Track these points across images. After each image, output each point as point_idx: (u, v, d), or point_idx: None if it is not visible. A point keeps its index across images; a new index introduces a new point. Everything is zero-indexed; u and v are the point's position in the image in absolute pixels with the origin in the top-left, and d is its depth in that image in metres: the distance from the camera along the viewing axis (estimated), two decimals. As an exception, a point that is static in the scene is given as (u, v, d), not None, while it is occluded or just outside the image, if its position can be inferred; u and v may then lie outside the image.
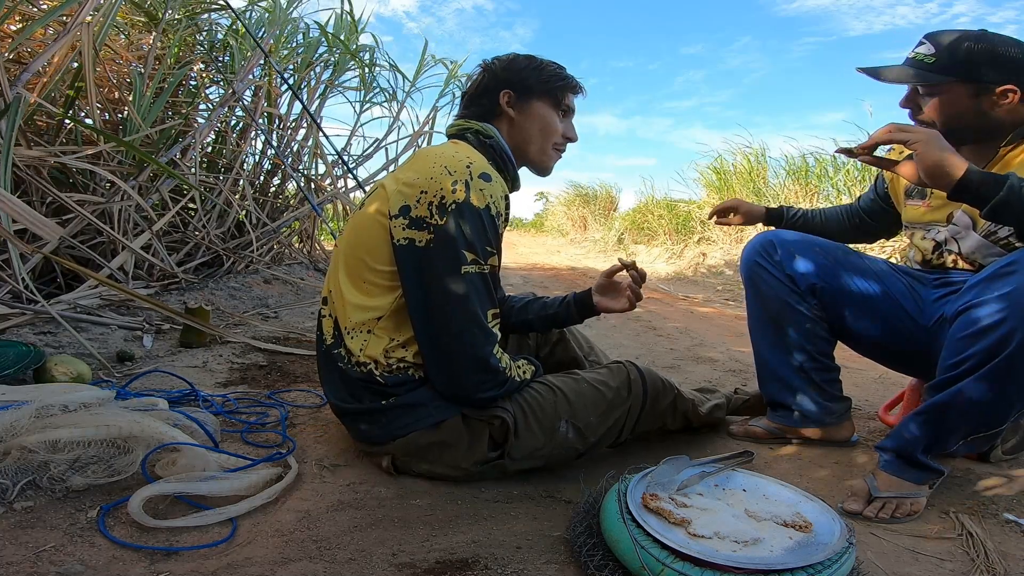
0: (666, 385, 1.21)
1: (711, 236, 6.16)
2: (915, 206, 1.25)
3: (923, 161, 0.93)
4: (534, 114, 1.14)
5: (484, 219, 0.99)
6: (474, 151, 1.07)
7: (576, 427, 1.08)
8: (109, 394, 1.10)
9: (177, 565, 0.76)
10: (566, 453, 1.10)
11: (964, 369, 0.95)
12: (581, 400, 1.10)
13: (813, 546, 0.79)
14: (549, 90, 1.14)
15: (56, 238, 1.14)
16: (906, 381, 1.46)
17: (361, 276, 1.04)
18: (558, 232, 12.23)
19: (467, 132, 1.12)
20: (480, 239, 0.99)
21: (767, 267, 1.28)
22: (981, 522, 0.98)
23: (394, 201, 1.00)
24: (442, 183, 0.98)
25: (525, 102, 1.14)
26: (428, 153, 1.05)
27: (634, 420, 1.16)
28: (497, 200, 1.00)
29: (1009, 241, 1.09)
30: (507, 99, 1.13)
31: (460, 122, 1.15)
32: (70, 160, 2.02)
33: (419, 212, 0.98)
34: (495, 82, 1.14)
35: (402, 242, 0.99)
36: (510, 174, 1.14)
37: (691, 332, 2.76)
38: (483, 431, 1.03)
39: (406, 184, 1.00)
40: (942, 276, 1.21)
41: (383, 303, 1.02)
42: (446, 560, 0.81)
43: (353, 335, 1.03)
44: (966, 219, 1.15)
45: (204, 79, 2.95)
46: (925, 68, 1.08)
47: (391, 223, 1.00)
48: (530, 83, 1.13)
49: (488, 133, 1.12)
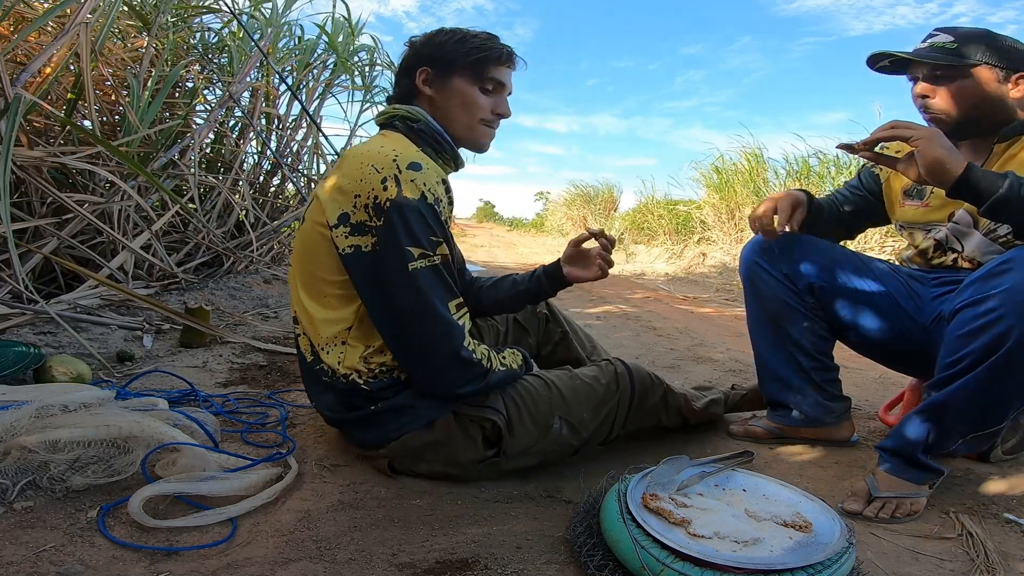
0: (654, 380, 1.20)
1: (711, 236, 6.16)
2: (913, 206, 1.25)
3: (924, 157, 0.94)
4: (453, 91, 1.07)
5: (422, 210, 0.95)
6: (402, 140, 1.03)
7: (569, 423, 1.08)
8: (109, 394, 1.10)
9: (177, 565, 0.76)
10: (561, 449, 1.09)
11: (962, 367, 0.95)
12: (575, 396, 1.09)
13: (813, 546, 0.79)
14: (470, 63, 1.06)
15: None
16: (906, 381, 1.46)
17: (319, 291, 1.01)
18: (558, 232, 12.23)
19: (395, 119, 1.08)
20: (423, 231, 0.95)
21: (765, 267, 1.28)
22: (981, 522, 0.98)
23: (330, 210, 0.97)
24: (372, 183, 0.94)
25: (444, 79, 1.07)
26: (355, 153, 1.01)
27: (624, 415, 1.15)
28: (432, 187, 0.96)
29: (1008, 239, 1.09)
30: (424, 77, 1.07)
31: (388, 109, 1.10)
32: (70, 160, 2.02)
33: (358, 217, 0.95)
34: (415, 59, 1.08)
35: (348, 251, 0.96)
36: (448, 154, 1.09)
37: (691, 332, 2.76)
38: (476, 431, 1.03)
39: (338, 190, 0.97)
40: (941, 275, 1.21)
41: (347, 313, 1.00)
42: (446, 560, 0.81)
43: (328, 350, 1.01)
44: (968, 218, 1.15)
45: (201, 81, 2.95)
46: (951, 52, 1.08)
47: (332, 233, 0.97)
48: (450, 58, 1.06)
49: (415, 116, 1.06)
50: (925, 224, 1.23)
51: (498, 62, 1.09)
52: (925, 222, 1.23)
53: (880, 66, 1.17)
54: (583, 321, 3.00)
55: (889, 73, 1.18)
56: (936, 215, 1.21)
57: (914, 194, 1.25)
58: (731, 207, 5.97)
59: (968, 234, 1.15)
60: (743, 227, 5.75)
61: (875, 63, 1.17)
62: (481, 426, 1.03)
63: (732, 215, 5.96)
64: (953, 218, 1.18)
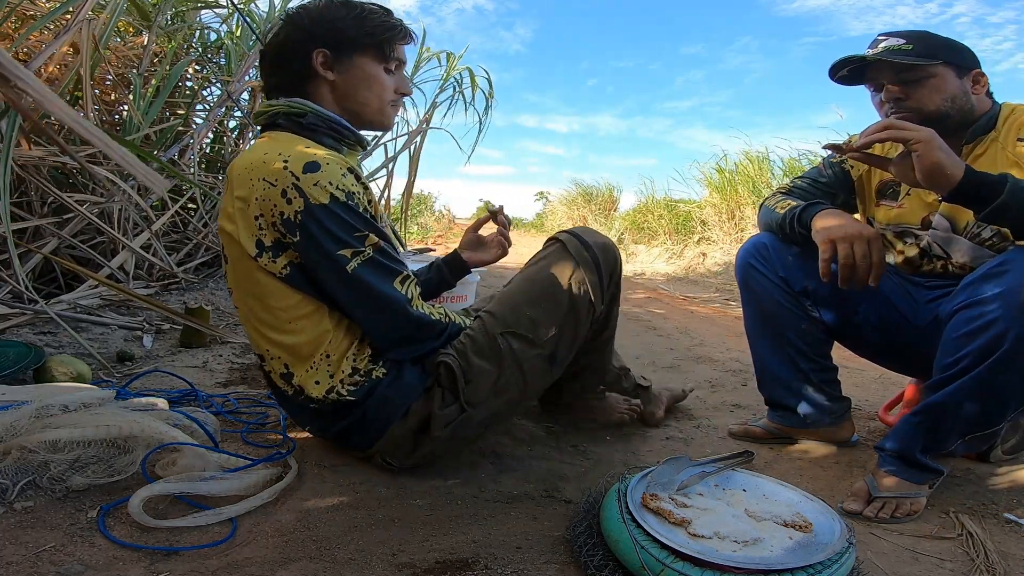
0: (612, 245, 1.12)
1: (711, 236, 6.16)
2: (888, 207, 1.23)
3: (923, 161, 0.91)
4: (359, 73, 0.98)
5: (337, 211, 0.88)
6: (289, 139, 0.93)
7: (516, 335, 1.00)
8: (109, 394, 1.10)
9: (177, 565, 0.76)
10: (530, 368, 1.01)
11: (959, 368, 0.95)
12: (507, 304, 1.02)
13: (813, 546, 0.79)
14: (375, 43, 0.98)
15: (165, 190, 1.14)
16: (906, 381, 1.46)
17: (283, 321, 0.94)
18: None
19: (277, 119, 0.97)
20: (347, 232, 0.89)
21: (761, 269, 1.27)
22: (981, 522, 0.98)
23: (245, 241, 0.91)
24: (271, 199, 0.87)
25: (346, 59, 0.97)
26: (241, 167, 0.91)
27: (597, 285, 1.06)
28: (338, 182, 0.88)
29: (994, 242, 1.09)
30: (322, 59, 0.96)
31: (265, 106, 0.99)
32: (70, 159, 2.02)
33: (271, 237, 0.90)
34: (305, 39, 0.96)
35: (284, 272, 0.91)
36: (349, 139, 1.00)
37: (691, 332, 2.76)
38: (435, 392, 0.99)
39: (241, 216, 0.90)
40: (933, 279, 1.20)
41: (323, 325, 0.95)
42: (446, 560, 0.81)
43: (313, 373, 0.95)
44: (945, 223, 1.14)
45: (200, 80, 2.95)
46: (910, 54, 1.07)
47: (260, 263, 0.91)
48: (350, 36, 0.96)
49: (300, 111, 0.96)
50: (897, 225, 1.22)
51: (402, 40, 1.02)
52: (897, 223, 1.22)
53: (839, 76, 1.16)
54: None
55: (847, 83, 1.17)
56: (909, 217, 1.19)
57: (888, 194, 1.24)
58: (731, 207, 5.97)
59: (952, 240, 1.14)
60: (743, 227, 5.76)
61: (836, 71, 1.15)
62: (437, 382, 0.99)
63: (732, 215, 5.96)
64: (928, 223, 1.16)
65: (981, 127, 1.10)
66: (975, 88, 1.10)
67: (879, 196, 1.25)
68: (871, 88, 1.16)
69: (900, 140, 0.94)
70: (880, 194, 1.25)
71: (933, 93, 1.08)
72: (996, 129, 1.10)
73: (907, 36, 1.10)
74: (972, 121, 1.10)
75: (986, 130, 1.10)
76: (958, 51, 1.10)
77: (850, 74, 1.15)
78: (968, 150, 1.11)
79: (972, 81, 1.10)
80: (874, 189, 1.26)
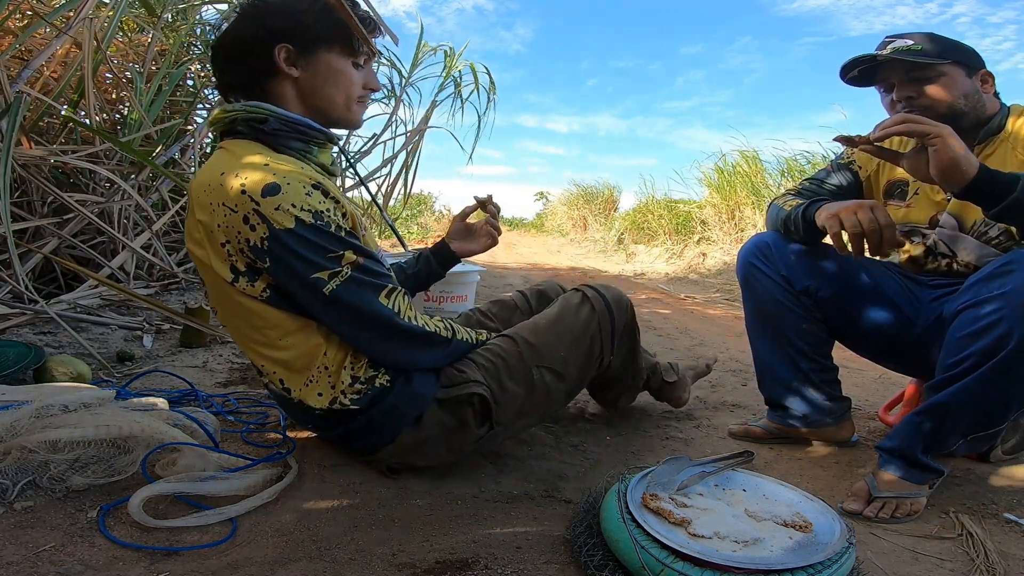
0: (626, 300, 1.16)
1: (711, 236, 6.16)
2: (896, 207, 1.23)
3: (940, 155, 0.91)
4: (325, 69, 0.92)
5: (306, 234, 0.83)
6: (249, 153, 0.87)
7: (551, 369, 1.02)
8: (109, 394, 1.10)
9: (177, 565, 0.76)
10: (553, 400, 1.05)
11: (963, 368, 0.95)
12: (543, 340, 1.04)
13: (813, 546, 0.79)
14: (343, 36, 0.91)
15: None
16: (906, 381, 1.46)
17: (275, 339, 0.91)
18: (558, 232, 12.23)
19: (236, 124, 0.90)
20: (319, 254, 0.84)
21: (763, 268, 1.27)
22: (981, 522, 0.98)
23: (218, 268, 0.87)
24: (234, 226, 0.83)
25: (310, 55, 0.91)
26: (199, 188, 0.86)
27: (610, 337, 1.09)
28: (302, 202, 0.83)
29: (1000, 240, 1.09)
30: (285, 55, 0.89)
31: (221, 112, 0.91)
32: (71, 159, 2.02)
33: (242, 263, 0.86)
34: (265, 34, 0.89)
35: (265, 293, 0.88)
36: (317, 139, 0.94)
37: (691, 332, 2.76)
38: (465, 412, 0.99)
39: (209, 242, 0.86)
40: (937, 278, 1.21)
41: (315, 340, 0.92)
42: (446, 560, 0.81)
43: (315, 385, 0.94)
44: (953, 221, 1.14)
45: (202, 79, 2.95)
46: (920, 54, 1.08)
47: (238, 287, 0.87)
48: (315, 30, 0.90)
49: (260, 116, 0.89)
50: (904, 225, 1.22)
51: (371, 32, 0.95)
52: (905, 223, 1.22)
53: (850, 77, 1.16)
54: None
55: (858, 84, 1.17)
56: (918, 217, 1.20)
57: (896, 194, 1.24)
58: (731, 207, 5.97)
59: (958, 239, 1.14)
60: (743, 227, 5.76)
61: (847, 72, 1.16)
62: (469, 404, 0.99)
63: (732, 215, 5.97)
64: (935, 222, 1.17)
65: (992, 128, 1.11)
66: (984, 88, 1.11)
67: (887, 196, 1.26)
68: (881, 89, 1.17)
69: (917, 133, 0.93)
70: (888, 194, 1.26)
71: (944, 91, 1.08)
72: (1005, 130, 1.11)
73: (916, 37, 1.10)
74: (984, 121, 1.11)
75: (996, 131, 1.11)
76: (965, 51, 1.11)
77: (860, 75, 1.16)
78: (979, 150, 1.11)
79: (980, 80, 1.11)
80: (882, 190, 1.27)
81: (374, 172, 3.98)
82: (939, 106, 1.08)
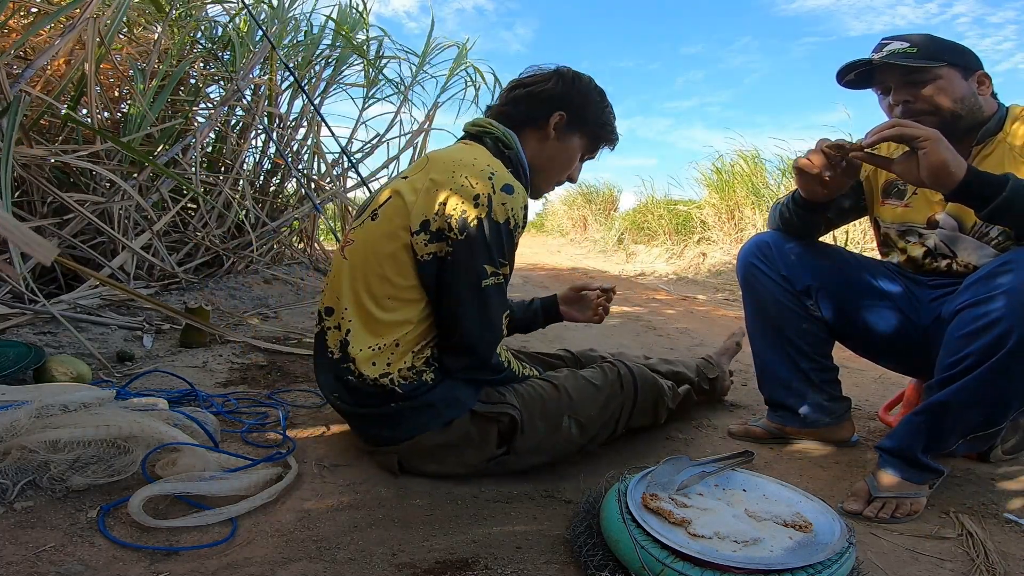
0: (654, 381, 1.25)
1: (711, 236, 6.16)
2: (893, 206, 1.24)
3: (929, 159, 0.92)
4: (568, 146, 1.11)
5: (503, 233, 0.97)
6: (493, 159, 1.03)
7: (579, 422, 1.10)
8: (109, 394, 1.10)
9: (177, 565, 0.76)
10: (567, 448, 1.11)
11: (962, 368, 0.95)
12: (582, 396, 1.12)
13: (813, 546, 0.79)
14: (596, 134, 1.13)
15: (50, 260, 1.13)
16: (906, 381, 1.46)
17: (385, 294, 1.00)
18: (558, 232, 12.22)
19: (486, 136, 1.08)
20: (499, 253, 0.98)
21: (763, 268, 1.27)
22: (981, 522, 0.98)
23: (415, 216, 0.97)
24: (464, 195, 0.95)
25: (570, 133, 1.10)
26: (446, 159, 1.01)
27: (628, 414, 1.19)
28: (516, 212, 0.98)
29: (999, 240, 1.09)
30: (558, 120, 1.08)
31: (484, 122, 1.10)
32: (71, 159, 2.02)
33: (438, 224, 0.96)
34: (558, 97, 1.08)
35: (427, 257, 0.98)
36: (523, 183, 1.11)
37: (691, 332, 2.76)
38: (491, 428, 1.04)
39: (426, 193, 0.97)
40: (937, 278, 1.21)
41: (413, 314, 1.01)
42: (446, 560, 0.81)
43: (377, 353, 1.00)
44: (952, 222, 1.15)
45: (204, 78, 2.95)
46: (916, 57, 1.08)
47: (413, 239, 0.97)
48: (587, 117, 1.10)
49: (509, 143, 1.08)
50: (902, 224, 1.22)
51: (611, 144, 1.17)
52: (903, 222, 1.22)
53: (847, 81, 1.17)
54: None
55: (855, 87, 1.18)
56: (915, 216, 1.20)
57: (894, 193, 1.24)
58: (731, 207, 5.97)
59: (958, 239, 1.14)
60: (743, 227, 5.76)
61: (844, 76, 1.16)
62: (498, 422, 1.04)
63: (732, 215, 5.97)
64: (933, 222, 1.17)
65: (990, 129, 1.11)
66: (981, 89, 1.11)
67: (884, 195, 1.26)
68: (879, 92, 1.17)
69: (908, 137, 0.95)
70: (886, 193, 1.26)
71: (940, 94, 1.08)
72: (1004, 131, 1.11)
73: (911, 39, 1.11)
74: (982, 122, 1.11)
75: (994, 132, 1.11)
76: (961, 53, 1.11)
77: (857, 78, 1.16)
78: (977, 151, 1.11)
79: (977, 82, 1.11)
80: (880, 188, 1.27)
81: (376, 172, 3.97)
82: (936, 109, 1.09)
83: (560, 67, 1.12)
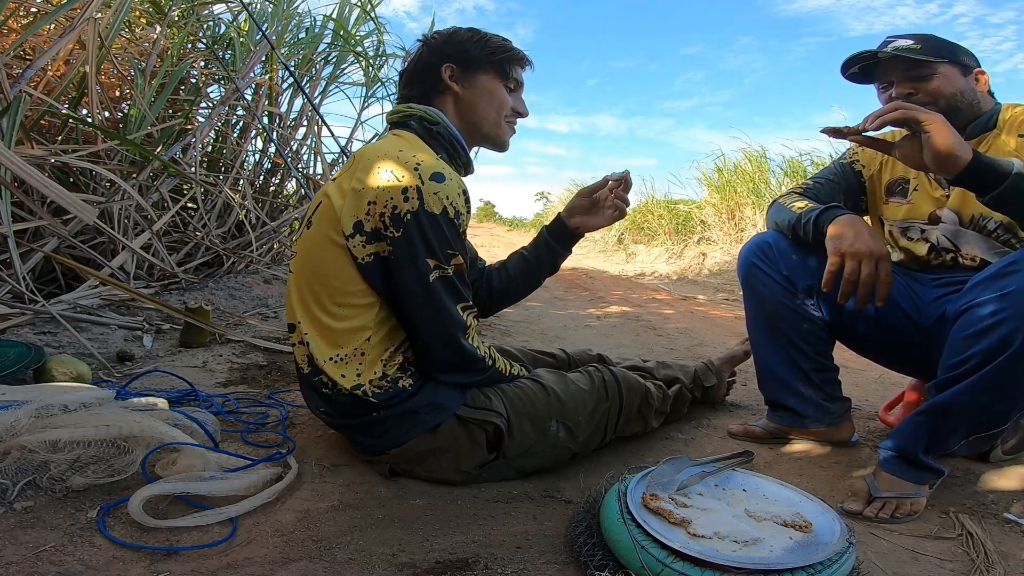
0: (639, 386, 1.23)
1: (711, 236, 6.16)
2: (897, 204, 1.25)
3: (934, 141, 0.92)
4: (481, 87, 1.08)
5: (442, 224, 0.93)
6: (420, 145, 1.01)
7: (566, 426, 1.09)
8: (109, 394, 1.10)
9: (177, 565, 0.76)
10: (558, 452, 1.10)
11: (966, 369, 0.95)
12: (571, 400, 1.11)
13: (813, 546, 0.79)
14: (495, 62, 1.08)
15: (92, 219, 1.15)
16: (906, 381, 1.46)
17: (333, 302, 0.98)
18: (558, 232, 12.23)
19: (411, 119, 1.06)
20: (441, 245, 0.94)
21: (764, 268, 1.27)
22: (981, 522, 0.98)
23: (345, 219, 0.94)
24: (391, 191, 0.91)
25: (470, 75, 1.07)
26: (371, 154, 0.97)
27: (615, 419, 1.18)
28: (453, 200, 0.94)
29: (998, 233, 1.11)
30: (450, 72, 1.06)
31: (402, 107, 1.08)
32: (71, 159, 2.02)
33: (372, 224, 0.93)
34: (436, 56, 1.07)
35: (367, 259, 0.95)
36: (462, 160, 1.09)
37: (691, 332, 2.76)
38: (479, 435, 1.03)
39: (353, 194, 0.94)
40: (941, 276, 1.21)
41: (368, 320, 0.98)
42: (446, 560, 0.81)
43: (342, 364, 0.98)
44: (953, 216, 1.16)
45: (205, 77, 2.95)
46: (919, 53, 1.11)
47: (349, 243, 0.94)
48: (474, 55, 1.07)
49: (434, 119, 1.05)
50: (905, 221, 1.24)
51: (520, 62, 1.12)
52: (906, 219, 1.24)
53: (850, 73, 1.19)
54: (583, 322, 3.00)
55: (858, 81, 1.19)
56: (917, 212, 1.22)
57: (897, 191, 1.26)
58: (731, 207, 5.97)
59: (960, 233, 1.16)
60: (743, 227, 5.76)
61: (848, 68, 1.18)
62: (484, 429, 1.03)
63: (732, 215, 5.97)
64: (935, 218, 1.19)
65: (982, 124, 1.14)
66: (978, 86, 1.15)
67: (888, 194, 1.27)
68: (879, 86, 1.19)
69: (911, 119, 0.95)
70: (889, 192, 1.27)
71: (941, 88, 1.11)
72: (997, 127, 1.14)
73: (915, 37, 1.13)
74: (977, 116, 1.14)
75: (987, 128, 1.14)
76: (961, 52, 1.14)
77: (861, 72, 1.18)
78: (971, 145, 1.11)
79: (975, 79, 1.14)
80: (884, 188, 1.28)
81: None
82: (936, 102, 1.11)
83: (423, 38, 1.11)
